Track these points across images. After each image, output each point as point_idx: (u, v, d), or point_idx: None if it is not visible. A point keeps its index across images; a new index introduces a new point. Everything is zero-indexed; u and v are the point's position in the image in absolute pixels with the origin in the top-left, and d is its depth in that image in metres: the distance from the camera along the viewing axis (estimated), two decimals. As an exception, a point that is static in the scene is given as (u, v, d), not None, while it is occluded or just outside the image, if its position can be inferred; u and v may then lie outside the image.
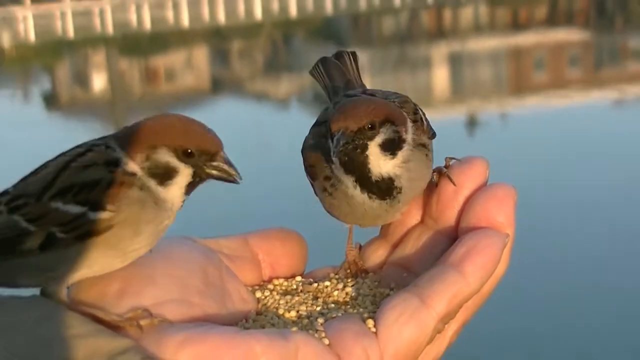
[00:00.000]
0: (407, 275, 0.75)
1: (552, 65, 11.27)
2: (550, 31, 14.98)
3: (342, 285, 0.78)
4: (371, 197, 0.75)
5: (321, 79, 0.88)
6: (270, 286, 0.78)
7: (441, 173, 0.76)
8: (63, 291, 0.67)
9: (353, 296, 0.76)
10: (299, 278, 0.79)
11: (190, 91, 12.24)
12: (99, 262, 0.67)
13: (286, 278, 0.79)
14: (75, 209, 0.66)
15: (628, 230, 4.14)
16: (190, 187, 0.70)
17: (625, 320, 3.21)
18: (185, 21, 22.38)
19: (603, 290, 3.52)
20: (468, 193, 0.74)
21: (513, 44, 13.35)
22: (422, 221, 0.78)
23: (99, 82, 13.79)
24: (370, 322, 0.68)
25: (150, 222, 0.68)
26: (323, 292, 0.77)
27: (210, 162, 0.69)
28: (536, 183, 4.60)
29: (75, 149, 0.69)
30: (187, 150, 0.68)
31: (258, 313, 0.74)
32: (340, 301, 0.76)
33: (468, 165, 0.75)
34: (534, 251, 3.50)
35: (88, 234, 0.66)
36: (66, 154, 0.69)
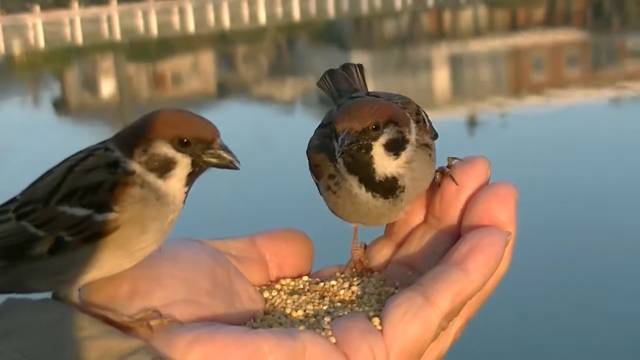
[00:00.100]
0: (412, 273, 0.76)
1: (551, 65, 11.23)
2: (548, 32, 14.91)
3: (348, 284, 0.78)
4: (375, 196, 0.75)
5: (329, 90, 0.89)
6: (277, 286, 0.78)
7: (444, 173, 0.77)
8: (74, 294, 0.68)
9: (359, 295, 0.76)
10: (306, 278, 0.80)
11: (196, 95, 12.27)
12: (108, 263, 0.68)
13: (293, 278, 0.79)
14: (81, 212, 0.66)
15: (630, 227, 4.13)
16: (190, 178, 0.70)
17: (626, 317, 3.20)
18: (191, 26, 22.43)
19: (605, 286, 3.51)
20: (470, 192, 0.74)
21: (512, 45, 13.29)
22: (426, 220, 0.78)
23: (108, 87, 13.85)
24: (376, 320, 0.68)
25: (155, 219, 0.68)
26: (329, 291, 0.77)
27: (207, 150, 0.69)
28: (536, 181, 4.59)
29: (77, 154, 0.70)
30: (184, 139, 0.68)
31: (266, 313, 0.74)
32: (346, 300, 0.76)
33: (470, 165, 0.75)
34: (534, 248, 3.50)
35: (95, 236, 0.66)
36: (69, 160, 0.70)
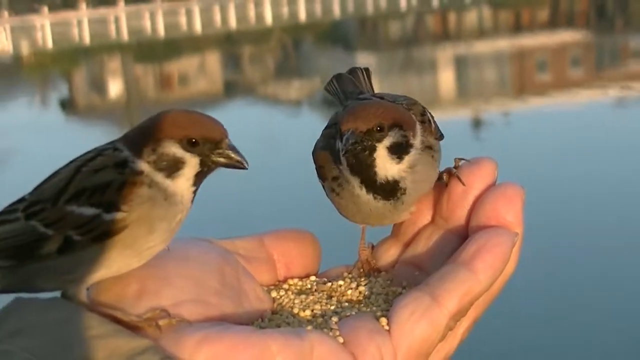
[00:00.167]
0: (419, 273, 0.76)
1: (555, 66, 11.21)
2: (552, 33, 14.88)
3: (356, 284, 0.78)
4: (376, 198, 0.76)
5: (336, 94, 0.89)
6: (285, 286, 0.78)
7: (451, 174, 0.77)
8: (83, 293, 0.68)
9: (366, 295, 0.76)
10: (313, 278, 0.80)
11: (203, 95, 12.29)
12: (117, 262, 0.68)
13: (301, 278, 0.80)
14: (90, 211, 0.66)
15: (635, 226, 4.12)
16: (198, 178, 0.70)
17: (629, 314, 3.19)
18: (197, 27, 22.49)
19: (611, 283, 3.50)
20: (477, 193, 0.74)
21: (516, 46, 13.27)
22: (433, 221, 0.78)
23: (115, 88, 13.90)
24: (383, 321, 0.68)
25: (163, 219, 0.68)
26: (337, 291, 0.78)
27: (216, 150, 0.69)
28: (540, 181, 4.59)
29: (85, 155, 0.70)
30: (192, 139, 0.68)
31: (274, 312, 0.74)
32: (353, 300, 0.76)
33: (477, 165, 0.75)
34: (539, 248, 3.49)
35: (104, 235, 0.67)
36: (77, 160, 0.70)
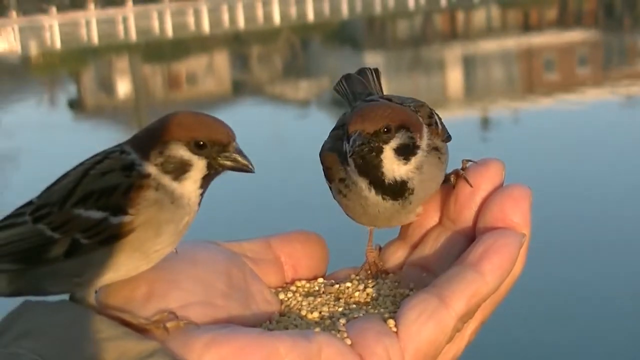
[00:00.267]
0: (426, 275, 0.75)
1: (563, 65, 11.18)
2: (560, 32, 14.84)
3: (363, 286, 0.78)
4: (385, 199, 0.76)
5: (345, 94, 0.89)
6: (292, 288, 0.78)
7: (458, 175, 0.77)
8: (91, 296, 0.68)
9: (374, 297, 0.76)
10: (321, 279, 0.80)
11: (211, 95, 12.32)
12: (125, 265, 0.68)
13: (308, 280, 0.80)
14: (97, 215, 0.67)
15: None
16: (205, 181, 0.70)
17: (631, 312, 3.18)
18: (205, 27, 22.54)
19: (619, 282, 3.49)
20: (485, 194, 0.74)
21: (524, 45, 13.23)
22: (440, 222, 0.78)
23: (123, 88, 13.95)
24: (391, 322, 0.68)
25: (170, 222, 0.68)
26: (344, 293, 0.78)
27: (223, 153, 0.69)
28: (548, 180, 4.58)
29: (93, 158, 0.70)
30: (199, 142, 0.68)
31: (281, 314, 0.75)
32: (361, 302, 0.76)
33: (484, 167, 0.75)
34: (547, 246, 3.49)
35: (111, 239, 0.67)
36: (85, 163, 0.70)
